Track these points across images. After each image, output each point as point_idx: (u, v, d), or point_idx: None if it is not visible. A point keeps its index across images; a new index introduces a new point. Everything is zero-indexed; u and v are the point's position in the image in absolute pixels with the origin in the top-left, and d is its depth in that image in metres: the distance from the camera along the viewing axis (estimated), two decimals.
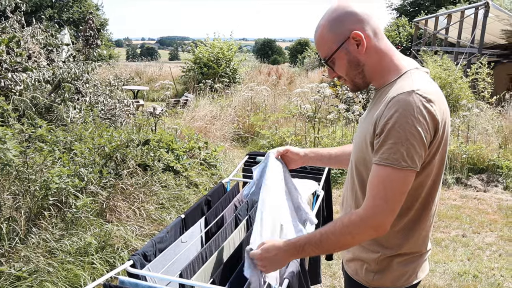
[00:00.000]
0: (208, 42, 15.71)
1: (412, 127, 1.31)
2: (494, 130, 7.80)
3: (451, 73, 9.62)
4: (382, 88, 1.49)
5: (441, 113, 1.38)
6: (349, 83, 1.57)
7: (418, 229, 1.52)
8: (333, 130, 7.83)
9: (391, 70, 1.48)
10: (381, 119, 1.37)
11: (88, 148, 4.71)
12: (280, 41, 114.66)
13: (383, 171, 1.36)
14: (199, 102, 9.97)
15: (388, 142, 1.34)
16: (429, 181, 1.46)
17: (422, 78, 1.43)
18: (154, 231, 4.17)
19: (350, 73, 1.52)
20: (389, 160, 1.34)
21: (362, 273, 1.57)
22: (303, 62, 27.97)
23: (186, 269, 1.82)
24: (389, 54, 1.49)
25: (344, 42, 1.46)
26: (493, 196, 6.14)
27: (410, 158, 1.33)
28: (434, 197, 1.51)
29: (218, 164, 6.16)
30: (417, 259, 1.56)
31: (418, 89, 1.35)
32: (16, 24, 6.82)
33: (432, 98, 1.36)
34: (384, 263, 1.53)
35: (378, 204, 1.36)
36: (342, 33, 1.46)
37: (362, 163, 1.50)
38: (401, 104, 1.33)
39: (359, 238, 1.43)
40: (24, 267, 3.26)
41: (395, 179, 1.34)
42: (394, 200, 1.36)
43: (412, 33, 20.81)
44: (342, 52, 1.48)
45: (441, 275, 3.98)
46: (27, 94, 5.77)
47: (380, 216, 1.36)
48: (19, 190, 3.88)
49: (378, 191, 1.37)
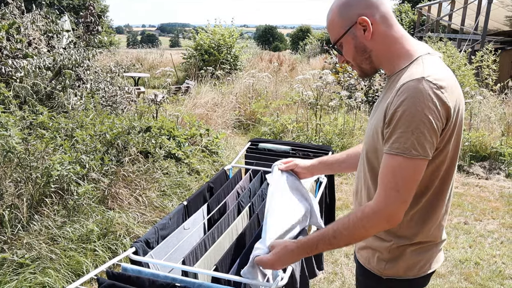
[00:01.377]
0: (209, 28, 15.59)
1: (422, 115, 1.28)
2: (497, 118, 7.77)
3: (454, 60, 9.55)
4: (394, 75, 1.46)
5: (453, 99, 1.35)
6: (356, 68, 1.56)
7: (432, 217, 1.49)
8: (335, 117, 7.80)
9: (401, 56, 1.45)
10: (391, 107, 1.34)
11: (90, 135, 4.70)
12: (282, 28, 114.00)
13: (393, 160, 1.33)
14: (200, 89, 9.93)
15: (398, 131, 1.31)
16: (443, 169, 1.43)
17: (433, 64, 1.40)
18: (156, 218, 4.18)
19: (356, 58, 1.51)
20: (399, 149, 1.31)
21: (374, 261, 1.55)
22: (304, 49, 27.80)
23: (189, 256, 1.82)
24: (400, 40, 1.46)
25: (351, 27, 1.44)
26: (495, 184, 6.13)
27: (421, 146, 1.30)
28: (448, 185, 1.48)
29: (219, 151, 6.15)
30: (431, 248, 1.54)
31: (428, 75, 1.32)
32: (16, 10, 6.76)
33: (443, 85, 1.32)
34: (396, 252, 1.50)
35: (389, 194, 1.34)
36: (350, 18, 1.44)
37: (373, 153, 1.48)
38: (410, 91, 1.31)
39: (372, 231, 1.41)
40: (26, 254, 3.28)
41: (406, 169, 1.32)
42: (405, 190, 1.33)
43: (414, 20, 20.63)
44: (349, 37, 1.46)
45: (443, 262, 3.97)
46: (27, 81, 5.74)
47: (392, 206, 1.34)
48: (21, 177, 3.88)
49: (389, 182, 1.34)
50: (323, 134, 7.16)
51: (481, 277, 3.78)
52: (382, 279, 1.54)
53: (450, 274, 3.81)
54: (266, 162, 3.01)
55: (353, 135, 7.22)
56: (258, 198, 2.46)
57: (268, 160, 3.04)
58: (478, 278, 3.75)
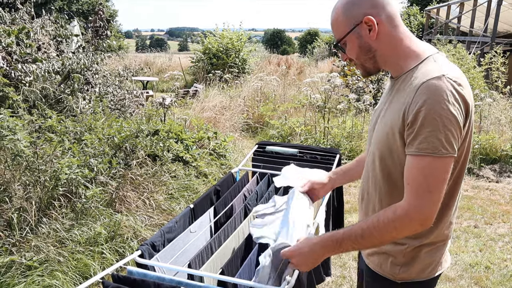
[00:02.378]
0: (217, 32, 15.64)
1: (448, 112, 1.27)
2: (507, 120, 7.69)
3: (464, 63, 9.48)
4: (402, 76, 1.44)
5: (470, 97, 1.35)
6: (359, 67, 1.55)
7: (445, 216, 1.49)
8: (343, 120, 7.77)
9: (408, 56, 1.44)
10: (411, 107, 1.32)
11: (98, 138, 4.72)
12: (290, 32, 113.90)
13: (422, 161, 1.31)
14: (208, 92, 9.95)
15: (425, 131, 1.29)
16: (458, 167, 1.43)
17: (447, 62, 1.40)
18: (163, 221, 4.17)
19: (360, 57, 1.50)
20: (429, 150, 1.29)
21: (387, 266, 1.53)
22: (312, 52, 27.79)
23: (194, 260, 1.81)
24: (406, 41, 1.45)
25: (356, 26, 1.43)
26: (505, 187, 6.06)
27: (449, 144, 1.29)
28: (460, 183, 1.48)
29: (227, 154, 6.15)
30: (442, 247, 1.53)
31: (447, 73, 1.31)
32: (26, 16, 6.82)
33: (461, 82, 1.32)
34: (411, 255, 1.49)
35: (422, 196, 1.31)
36: (355, 16, 1.43)
37: (388, 156, 1.45)
38: (432, 89, 1.29)
39: (405, 234, 1.38)
40: (34, 257, 3.29)
41: (436, 168, 1.30)
42: (438, 190, 1.31)
43: (423, 23, 20.53)
44: (354, 36, 1.45)
45: (453, 266, 3.94)
46: (37, 85, 5.78)
47: (426, 208, 1.32)
48: (30, 181, 3.90)
49: (420, 183, 1.32)
50: (331, 137, 7.14)
51: (491, 281, 3.72)
52: (395, 283, 1.53)
53: (460, 278, 3.76)
54: (273, 165, 3.00)
55: (362, 138, 7.18)
56: (265, 201, 2.45)
57: (275, 163, 3.03)
58: (488, 283, 3.70)
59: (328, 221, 2.77)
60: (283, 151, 3.14)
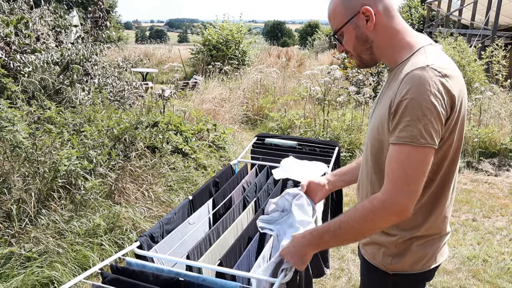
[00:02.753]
0: (217, 24, 15.57)
1: (428, 102, 1.27)
2: (507, 114, 7.68)
3: (465, 56, 9.46)
4: (396, 68, 1.44)
5: (457, 89, 1.34)
6: (356, 58, 1.54)
7: (437, 208, 1.48)
8: (343, 112, 7.76)
9: (403, 48, 1.44)
10: (396, 97, 1.33)
11: (97, 130, 4.71)
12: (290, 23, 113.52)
13: (401, 150, 1.30)
14: (208, 84, 9.92)
15: (405, 120, 1.29)
16: (447, 160, 1.42)
17: (437, 53, 1.39)
18: (162, 213, 4.18)
19: (357, 48, 1.49)
20: (407, 138, 1.29)
21: (380, 257, 1.53)
22: (313, 44, 27.68)
23: (193, 251, 1.81)
24: (401, 32, 1.45)
25: (353, 17, 1.43)
26: (504, 181, 6.07)
27: (428, 134, 1.28)
28: (452, 176, 1.47)
29: (226, 146, 6.15)
30: (437, 241, 1.52)
31: (432, 63, 1.31)
32: (25, 6, 6.78)
33: (447, 73, 1.31)
34: (402, 246, 1.49)
35: (398, 186, 1.31)
36: (353, 7, 1.43)
37: (378, 147, 1.45)
38: (415, 79, 1.29)
39: (381, 225, 1.38)
40: (34, 248, 3.30)
41: (415, 158, 1.29)
42: (415, 180, 1.30)
43: (424, 15, 20.45)
44: (351, 26, 1.45)
45: (451, 259, 3.95)
46: (35, 76, 5.76)
47: (402, 199, 1.31)
48: (29, 172, 3.90)
49: (397, 173, 1.31)
50: (330, 130, 7.13)
51: (489, 274, 3.74)
52: (387, 274, 1.53)
53: (458, 271, 3.78)
54: (272, 157, 3.00)
55: (361, 131, 7.18)
56: (264, 193, 2.45)
57: (274, 155, 3.02)
58: (486, 275, 3.72)
59: (326, 214, 2.77)
60: (282, 143, 3.14)
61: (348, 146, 6.67)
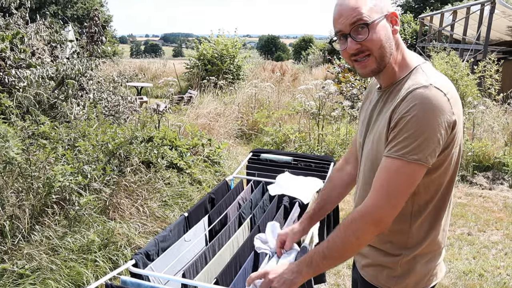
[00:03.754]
0: (212, 38, 15.66)
1: (429, 121, 1.27)
2: (500, 128, 7.74)
3: (457, 70, 9.55)
4: (393, 86, 1.44)
5: (457, 107, 1.34)
6: (375, 60, 1.40)
7: (437, 224, 1.48)
8: (337, 127, 7.79)
9: (402, 65, 1.45)
10: (397, 112, 1.33)
11: (92, 145, 4.70)
12: (284, 38, 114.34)
13: (391, 163, 1.31)
14: (203, 99, 9.94)
15: (402, 135, 1.30)
16: (448, 175, 1.42)
17: (435, 72, 1.40)
18: (157, 228, 4.15)
19: (385, 47, 1.39)
20: (399, 153, 1.29)
21: (383, 278, 1.51)
22: (307, 58, 27.86)
23: (189, 269, 1.80)
24: (402, 49, 1.46)
25: (387, 15, 1.40)
26: (498, 194, 6.09)
27: (422, 152, 1.28)
28: (451, 191, 1.48)
29: (221, 161, 6.13)
30: (437, 257, 1.52)
31: (434, 81, 1.32)
32: (20, 21, 6.80)
33: (448, 91, 1.32)
34: (406, 266, 1.48)
35: (379, 198, 1.32)
36: (386, 5, 1.40)
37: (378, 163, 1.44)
38: (418, 98, 1.29)
39: (363, 237, 1.36)
40: (27, 265, 3.25)
41: (403, 173, 1.30)
42: (397, 194, 1.31)
43: (417, 30, 20.68)
44: (383, 23, 1.38)
45: (447, 274, 3.94)
46: (30, 91, 5.75)
47: (380, 210, 1.31)
48: (22, 188, 3.87)
49: (382, 184, 1.32)
50: (325, 144, 7.15)
51: None
52: None
53: (454, 286, 3.77)
54: (267, 173, 3.00)
55: None
56: (260, 209, 2.44)
57: (270, 171, 3.02)
58: None
59: (322, 230, 2.76)
60: (277, 159, 3.14)
61: None
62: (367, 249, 1.57)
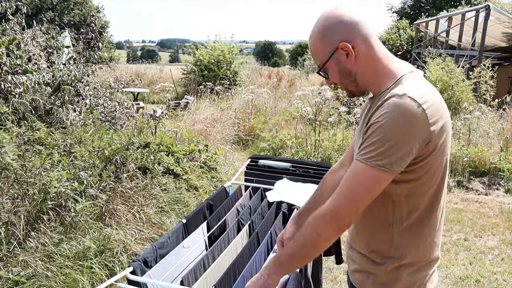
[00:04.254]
0: (209, 44, 15.68)
1: (397, 129, 1.29)
2: (495, 133, 7.77)
3: (453, 76, 9.60)
4: (379, 96, 1.44)
5: (436, 116, 1.33)
6: (344, 90, 1.57)
7: (423, 235, 1.46)
8: (334, 132, 7.80)
9: (386, 76, 1.45)
10: (371, 120, 1.36)
11: (88, 151, 4.68)
12: (281, 44, 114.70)
13: (356, 167, 1.35)
14: (199, 104, 9.94)
15: (370, 140, 1.32)
16: (430, 186, 1.42)
17: (416, 81, 1.40)
18: (153, 234, 4.13)
19: (343, 81, 1.51)
20: (365, 157, 1.32)
21: (369, 284, 1.52)
22: (303, 64, 27.91)
23: (187, 276, 1.79)
24: (384, 61, 1.46)
25: (333, 53, 1.44)
26: (494, 199, 6.10)
27: (386, 158, 1.29)
28: (438, 202, 1.46)
29: (218, 167, 6.12)
30: (426, 269, 1.50)
31: (410, 91, 1.32)
32: (17, 26, 6.78)
33: (425, 101, 1.31)
34: (392, 275, 1.48)
35: (340, 198, 1.35)
36: (332, 43, 1.43)
37: None
38: (391, 106, 1.31)
39: (324, 234, 1.38)
40: (22, 272, 3.23)
41: (365, 177, 1.32)
42: (357, 197, 1.33)
43: (412, 36, 20.78)
44: (333, 62, 1.47)
45: (443, 280, 3.94)
46: (27, 97, 5.73)
47: (339, 210, 1.34)
48: (18, 194, 3.84)
49: (345, 185, 1.36)
50: (322, 150, 7.15)
51: None
52: None
53: None
54: (266, 179, 2.99)
55: None
56: (258, 215, 2.44)
57: (268, 177, 3.02)
58: None
59: None
60: (275, 165, 3.14)
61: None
62: (355, 254, 1.58)
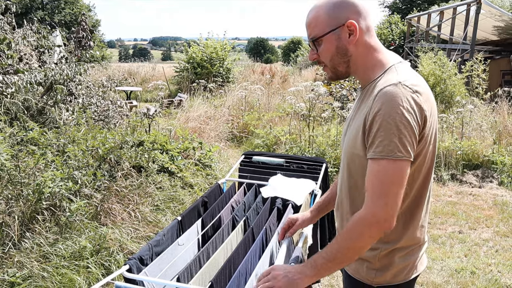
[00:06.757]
0: (201, 41, 15.64)
1: (402, 117, 1.31)
2: (488, 126, 7.82)
3: (445, 70, 9.64)
4: (369, 85, 1.50)
5: (428, 104, 1.40)
6: (329, 69, 1.56)
7: (414, 219, 1.52)
8: (327, 128, 7.81)
9: (375, 65, 1.49)
10: (370, 113, 1.37)
11: (82, 150, 4.66)
12: (273, 40, 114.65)
13: (378, 165, 1.34)
14: (193, 102, 9.92)
15: (380, 134, 1.33)
16: (422, 172, 1.47)
17: (407, 70, 1.45)
18: (149, 233, 4.13)
19: (335, 59, 1.52)
20: (384, 153, 1.33)
21: (364, 271, 1.56)
22: (296, 60, 27.94)
23: (183, 273, 1.79)
24: (376, 50, 1.51)
25: (337, 28, 1.46)
26: (488, 192, 6.15)
27: (404, 147, 1.32)
28: (427, 188, 1.52)
29: (213, 164, 6.12)
30: (417, 251, 1.56)
31: (404, 80, 1.37)
32: (7, 26, 6.73)
33: (418, 89, 1.37)
34: (385, 260, 1.52)
35: (378, 200, 1.34)
36: (338, 18, 1.46)
37: (352, 160, 1.50)
38: (388, 95, 1.34)
39: (366, 240, 1.38)
40: (17, 273, 3.22)
41: (392, 172, 1.33)
42: (394, 193, 1.33)
43: (404, 31, 20.84)
44: (333, 37, 1.48)
45: (439, 272, 3.97)
46: (18, 97, 5.70)
47: (382, 212, 1.33)
48: (12, 195, 3.82)
49: (375, 187, 1.35)
50: (316, 146, 7.16)
51: (477, 286, 3.77)
52: (372, 287, 1.55)
53: (447, 284, 3.80)
54: (260, 175, 3.00)
55: None
56: (253, 212, 2.44)
57: (263, 173, 3.02)
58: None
59: (316, 230, 2.77)
60: (269, 161, 3.14)
61: (334, 161, 6.70)
62: None
